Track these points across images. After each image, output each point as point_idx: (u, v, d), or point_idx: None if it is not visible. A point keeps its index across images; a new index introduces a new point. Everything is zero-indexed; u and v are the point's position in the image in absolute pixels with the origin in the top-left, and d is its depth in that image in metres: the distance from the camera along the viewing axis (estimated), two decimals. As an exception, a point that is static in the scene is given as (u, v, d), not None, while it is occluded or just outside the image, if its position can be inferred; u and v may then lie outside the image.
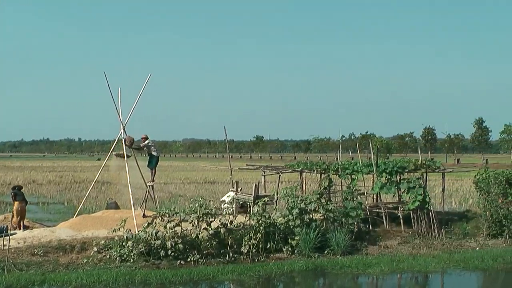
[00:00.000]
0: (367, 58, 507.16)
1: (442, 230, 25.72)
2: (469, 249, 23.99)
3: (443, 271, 20.78)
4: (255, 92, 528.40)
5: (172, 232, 20.45)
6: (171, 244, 20.06)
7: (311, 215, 22.96)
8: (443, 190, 29.23)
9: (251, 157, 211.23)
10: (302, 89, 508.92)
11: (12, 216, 23.56)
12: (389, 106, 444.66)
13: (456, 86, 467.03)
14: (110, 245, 20.52)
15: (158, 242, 20.09)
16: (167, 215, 21.13)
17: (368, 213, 26.19)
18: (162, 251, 20.05)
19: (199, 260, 20.21)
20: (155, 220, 21.24)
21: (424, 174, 27.55)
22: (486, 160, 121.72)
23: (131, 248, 19.92)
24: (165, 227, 20.63)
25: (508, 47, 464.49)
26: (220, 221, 21.37)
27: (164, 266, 19.66)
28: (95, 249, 20.43)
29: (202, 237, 20.62)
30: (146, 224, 21.01)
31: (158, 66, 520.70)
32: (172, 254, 20.07)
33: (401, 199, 27.31)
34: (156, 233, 20.24)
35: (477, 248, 24.06)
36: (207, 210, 21.28)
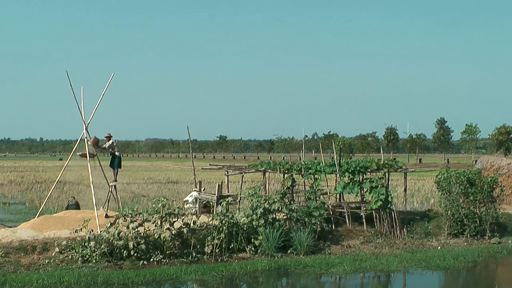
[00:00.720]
0: (329, 58, 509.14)
1: (404, 229, 25.92)
2: (430, 248, 24.23)
3: (405, 270, 20.96)
4: (218, 92, 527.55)
5: (134, 232, 20.34)
6: (134, 245, 19.96)
7: (274, 215, 22.99)
8: (405, 190, 29.46)
9: (214, 157, 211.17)
10: (265, 89, 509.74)
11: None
12: (351, 106, 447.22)
13: (418, 86, 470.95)
14: (72, 245, 20.36)
15: (121, 242, 19.98)
16: (130, 215, 21.04)
17: (331, 213, 26.30)
18: (124, 252, 19.95)
19: (162, 260, 20.16)
20: (117, 221, 21.15)
21: (387, 174, 27.74)
22: (448, 160, 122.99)
23: (93, 249, 19.79)
24: (127, 227, 20.52)
25: (469, 48, 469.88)
26: (183, 221, 21.30)
27: (127, 266, 19.56)
28: (57, 249, 20.24)
29: (165, 237, 20.52)
30: (109, 225, 20.91)
31: (121, 65, 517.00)
32: (135, 254, 19.99)
33: (364, 199, 27.46)
34: (118, 234, 20.12)
35: (439, 247, 24.31)
36: (170, 210, 21.22)
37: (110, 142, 25.88)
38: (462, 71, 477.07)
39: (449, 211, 26.03)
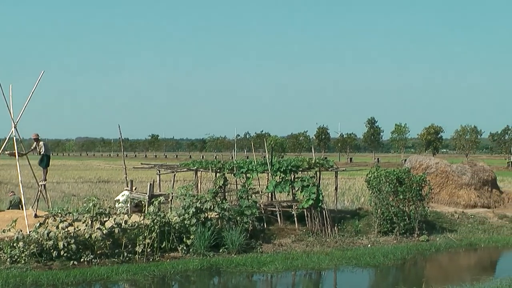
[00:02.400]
0: (261, 57, 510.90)
1: (335, 227, 26.15)
2: (361, 246, 24.53)
3: (336, 268, 21.18)
4: (150, 91, 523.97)
5: (64, 232, 20.05)
6: (64, 245, 19.69)
7: (206, 214, 22.95)
8: (336, 189, 29.72)
9: (146, 156, 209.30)
10: (197, 88, 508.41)
11: None
12: (283, 106, 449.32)
13: (349, 86, 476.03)
14: (0, 246, 19.98)
15: (50, 242, 19.69)
16: (60, 215, 20.74)
17: (263, 212, 26.37)
18: (54, 252, 19.67)
19: (93, 260, 19.94)
20: (47, 220, 20.83)
21: (318, 173, 27.98)
22: (378, 159, 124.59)
23: (22, 249, 19.46)
24: (57, 227, 20.22)
25: (397, 48, 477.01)
26: (114, 220, 21.10)
27: (57, 267, 19.29)
28: (-17, 250, 19.84)
29: (95, 237, 20.30)
30: (38, 225, 20.55)
31: (52, 64, 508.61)
32: (65, 254, 19.74)
33: (295, 198, 27.63)
34: (48, 234, 19.82)
35: (369, 245, 24.63)
36: (101, 210, 21.03)
37: (41, 143, 25.61)
38: (392, 71, 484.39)
39: (379, 210, 26.38)
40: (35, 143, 25.78)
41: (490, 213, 32.21)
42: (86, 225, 20.84)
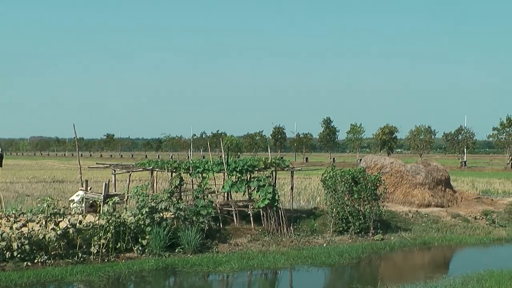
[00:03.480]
0: (216, 55, 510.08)
1: (291, 227, 26.25)
2: (316, 245, 24.65)
3: (292, 268, 21.27)
4: (105, 90, 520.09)
5: (18, 233, 19.81)
6: (18, 245, 19.45)
7: (162, 214, 22.90)
8: (292, 188, 29.81)
9: (101, 155, 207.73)
10: (153, 88, 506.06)
11: None
12: (240, 105, 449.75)
13: (304, 86, 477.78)
14: (-49, 247, 19.66)
15: (4, 243, 19.42)
16: (13, 215, 20.47)
17: (219, 212, 26.33)
18: (7, 253, 19.41)
19: (47, 261, 19.73)
20: (0, 221, 20.55)
21: (274, 173, 28.03)
22: (333, 159, 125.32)
23: (-27, 251, 19.18)
24: (11, 227, 19.97)
25: (353, 48, 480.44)
26: (69, 221, 20.89)
27: (10, 268, 19.03)
28: None
29: (50, 238, 20.06)
30: (-9, 225, 20.28)
31: (5, 62, 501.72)
32: (19, 255, 19.48)
33: (251, 197, 27.65)
34: (1, 234, 19.56)
35: (324, 245, 24.78)
36: (55, 210, 20.79)
37: None
38: (347, 71, 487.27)
39: (334, 209, 26.53)
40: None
41: (443, 212, 32.59)
42: (40, 226, 20.61)
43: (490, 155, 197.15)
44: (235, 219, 26.50)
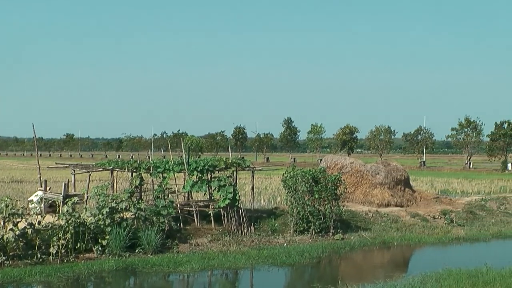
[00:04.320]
0: (177, 55, 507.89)
1: (252, 227, 26.28)
2: (277, 245, 24.70)
3: (252, 267, 21.30)
4: (65, 89, 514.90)
5: (-24, 233, 19.58)
6: (-25, 247, 19.22)
7: (122, 214, 22.79)
8: (252, 188, 29.83)
9: (61, 155, 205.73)
10: (114, 87, 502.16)
11: None
12: (200, 105, 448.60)
13: (266, 86, 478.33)
14: None
15: (-40, 244, 19.18)
16: (-29, 216, 20.22)
17: (179, 212, 26.27)
18: (-36, 254, 19.17)
19: (5, 262, 19.53)
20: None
21: (235, 173, 28.03)
22: (294, 159, 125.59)
23: None
24: (-31, 228, 19.72)
25: (314, 48, 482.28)
26: (27, 221, 20.69)
27: (-33, 269, 18.80)
28: None
29: (8, 238, 19.85)
30: None
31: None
32: (-24, 257, 19.25)
33: (212, 197, 27.62)
34: (-42, 236, 19.31)
35: (285, 244, 24.84)
36: (13, 210, 20.56)
37: None
38: (308, 71, 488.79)
39: (295, 209, 26.60)
40: None
41: (403, 211, 32.87)
42: (-2, 226, 20.38)
43: (448, 155, 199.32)
44: (195, 219, 26.45)
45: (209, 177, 27.70)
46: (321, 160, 43.10)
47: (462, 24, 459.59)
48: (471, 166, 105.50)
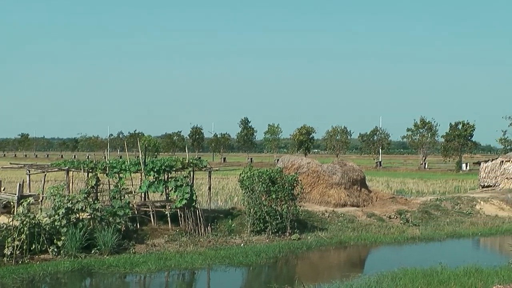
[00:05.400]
0: (134, 54, 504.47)
1: (209, 227, 26.26)
2: (234, 245, 24.71)
3: (210, 268, 21.29)
4: (19, 89, 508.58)
5: None
6: None
7: (78, 215, 22.62)
8: (209, 188, 29.81)
9: (15, 155, 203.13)
10: (70, 86, 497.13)
11: None
12: (157, 105, 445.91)
13: (222, 86, 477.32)
14: None
15: None
16: None
17: (136, 212, 26.14)
18: None
19: (-42, 264, 19.24)
20: None
21: (191, 173, 27.99)
22: (251, 159, 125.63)
23: None
24: None
25: (270, 48, 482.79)
26: (-20, 222, 20.43)
27: None
28: None
29: (-40, 240, 19.59)
30: None
31: None
32: None
33: (169, 198, 27.53)
34: None
35: (242, 245, 24.86)
36: (-34, 212, 20.29)
37: None
38: (264, 71, 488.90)
39: (252, 209, 26.65)
40: None
41: (359, 211, 33.14)
42: (-50, 228, 20.09)
43: (404, 155, 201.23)
44: (152, 220, 26.34)
45: (166, 177, 27.60)
46: (278, 160, 43.30)
47: (415, 23, 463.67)
48: (426, 166, 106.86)
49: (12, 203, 26.04)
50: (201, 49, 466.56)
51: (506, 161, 52.65)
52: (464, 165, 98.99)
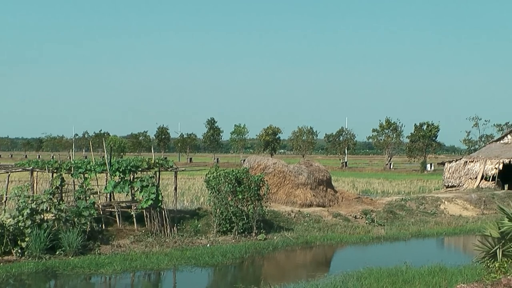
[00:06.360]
0: (98, 54, 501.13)
1: (175, 228, 26.18)
2: (200, 246, 24.68)
3: (175, 268, 21.24)
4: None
5: None
6: None
7: (42, 216, 22.41)
8: (175, 189, 29.72)
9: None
10: (34, 85, 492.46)
11: None
12: (123, 105, 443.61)
13: (189, 86, 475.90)
14: None
15: None
16: None
17: (101, 213, 25.98)
18: None
19: None
20: None
21: (157, 173, 27.88)
22: (217, 159, 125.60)
23: None
24: None
25: (237, 48, 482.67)
26: None
27: None
28: None
29: None
30: None
31: None
32: None
33: (135, 198, 27.40)
34: None
35: (208, 245, 24.83)
36: None
37: None
38: (230, 71, 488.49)
39: (218, 209, 26.63)
40: None
41: (325, 211, 33.25)
42: None
43: (370, 156, 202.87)
44: (118, 220, 26.19)
45: (131, 178, 27.47)
46: (244, 160, 43.29)
47: (380, 23, 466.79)
48: (391, 166, 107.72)
49: (-26, 204, 25.75)
50: (167, 49, 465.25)
51: (469, 161, 53.32)
52: (428, 165, 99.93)
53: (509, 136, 56.41)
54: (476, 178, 51.64)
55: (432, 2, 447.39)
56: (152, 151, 33.48)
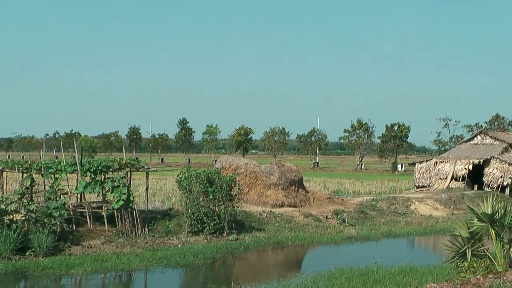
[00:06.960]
0: (69, 55, 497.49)
1: (146, 228, 26.10)
2: (171, 246, 24.63)
3: (147, 269, 21.19)
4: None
5: None
6: None
7: (12, 216, 22.25)
8: (147, 189, 29.64)
9: None
10: (3, 84, 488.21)
11: None
12: (94, 105, 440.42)
13: (160, 86, 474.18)
14: None
15: None
16: None
17: (72, 213, 25.82)
18: None
19: None
20: None
21: (129, 173, 27.79)
22: (189, 159, 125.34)
23: None
24: None
25: (205, 48, 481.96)
26: None
27: None
28: None
29: None
30: None
31: None
32: None
33: (106, 198, 27.29)
34: None
35: (179, 245, 24.79)
36: None
37: None
38: (201, 71, 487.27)
39: (189, 210, 26.60)
40: None
41: (296, 212, 33.33)
42: None
43: (341, 156, 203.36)
44: (88, 221, 26.04)
45: (102, 178, 27.36)
46: (216, 161, 43.22)
47: (354, 24, 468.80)
48: (362, 167, 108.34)
49: None
50: (138, 49, 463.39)
51: (440, 162, 53.71)
52: (399, 166, 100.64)
53: (478, 137, 56.84)
54: (446, 178, 51.98)
55: (399, 3, 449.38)
56: (124, 151, 33.33)
